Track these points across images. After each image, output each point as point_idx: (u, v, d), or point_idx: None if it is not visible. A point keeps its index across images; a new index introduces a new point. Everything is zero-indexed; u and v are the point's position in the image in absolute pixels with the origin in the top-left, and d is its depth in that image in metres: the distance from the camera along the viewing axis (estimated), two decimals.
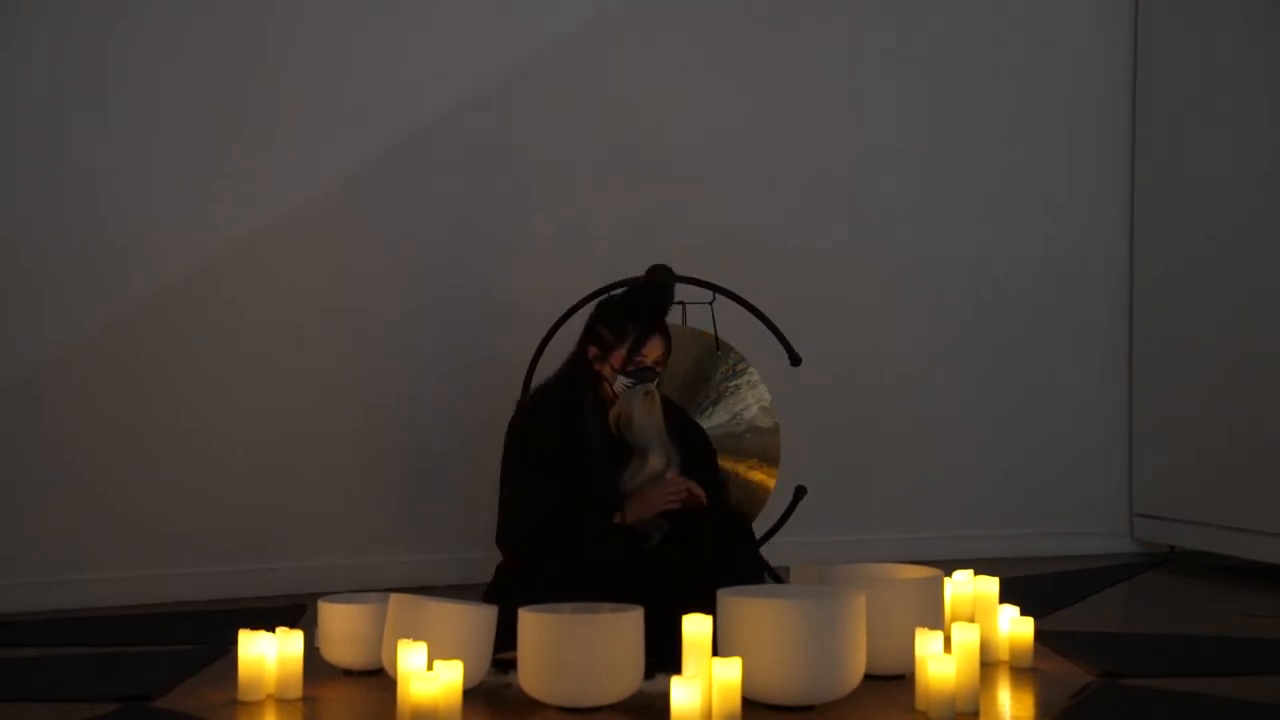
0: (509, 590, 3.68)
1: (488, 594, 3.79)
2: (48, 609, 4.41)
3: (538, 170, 5.08)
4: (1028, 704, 3.35)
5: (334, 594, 3.72)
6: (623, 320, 3.89)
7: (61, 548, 4.51)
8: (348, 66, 4.88)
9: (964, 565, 4.13)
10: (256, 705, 3.30)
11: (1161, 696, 3.35)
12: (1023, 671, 3.60)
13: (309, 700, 3.35)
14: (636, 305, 3.94)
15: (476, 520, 4.92)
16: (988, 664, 3.58)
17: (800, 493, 4.53)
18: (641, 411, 3.86)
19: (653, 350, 3.89)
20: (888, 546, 5.20)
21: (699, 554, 3.68)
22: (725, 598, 3.29)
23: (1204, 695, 3.35)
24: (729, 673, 3.08)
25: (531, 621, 3.23)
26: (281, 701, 3.33)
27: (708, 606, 3.29)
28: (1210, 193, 5.29)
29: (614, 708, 3.23)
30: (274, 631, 3.38)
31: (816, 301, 5.32)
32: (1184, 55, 5.46)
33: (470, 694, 3.27)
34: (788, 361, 4.55)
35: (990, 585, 3.76)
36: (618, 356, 3.87)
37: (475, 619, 3.36)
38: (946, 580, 3.76)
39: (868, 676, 3.32)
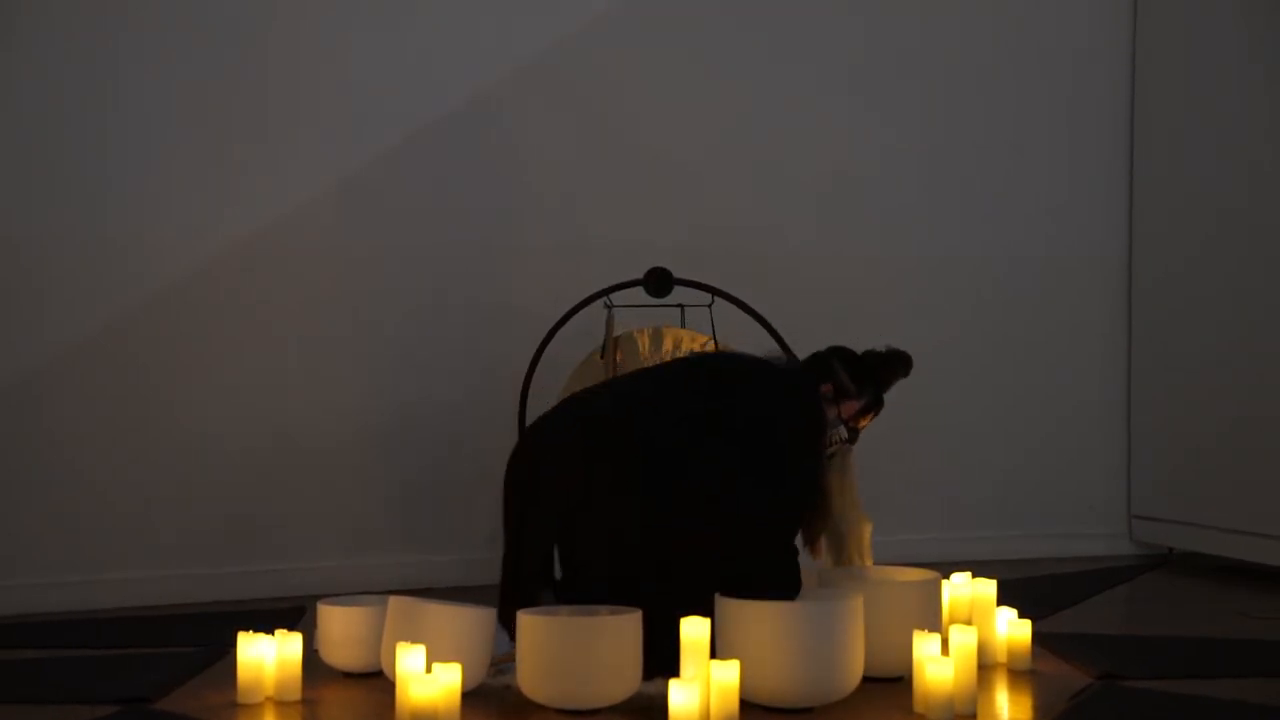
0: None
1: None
2: (47, 610, 4.41)
3: (538, 171, 5.08)
4: (1025, 706, 3.35)
5: (333, 596, 3.72)
6: (868, 379, 3.87)
7: (61, 549, 4.51)
8: (348, 68, 4.88)
9: (962, 567, 4.14)
10: (256, 707, 3.31)
11: (1160, 698, 3.36)
12: (1021, 674, 3.60)
13: (308, 702, 3.35)
14: (884, 372, 3.92)
15: (476, 522, 4.93)
16: (986, 666, 3.59)
17: None
18: (844, 474, 3.97)
19: (870, 419, 3.93)
20: (886, 548, 5.15)
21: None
22: (724, 600, 3.29)
23: (1203, 697, 3.35)
24: (727, 675, 3.09)
25: (530, 624, 3.23)
26: (280, 704, 3.33)
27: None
28: (1209, 193, 5.28)
29: (612, 710, 3.23)
30: (273, 634, 3.39)
31: (815, 302, 5.32)
32: (1183, 55, 5.45)
33: (469, 696, 3.27)
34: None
35: (988, 587, 3.76)
36: (850, 407, 3.86)
37: (473, 621, 3.37)
38: (944, 582, 3.76)
39: (866, 678, 3.33)
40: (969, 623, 3.66)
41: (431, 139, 4.96)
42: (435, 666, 3.08)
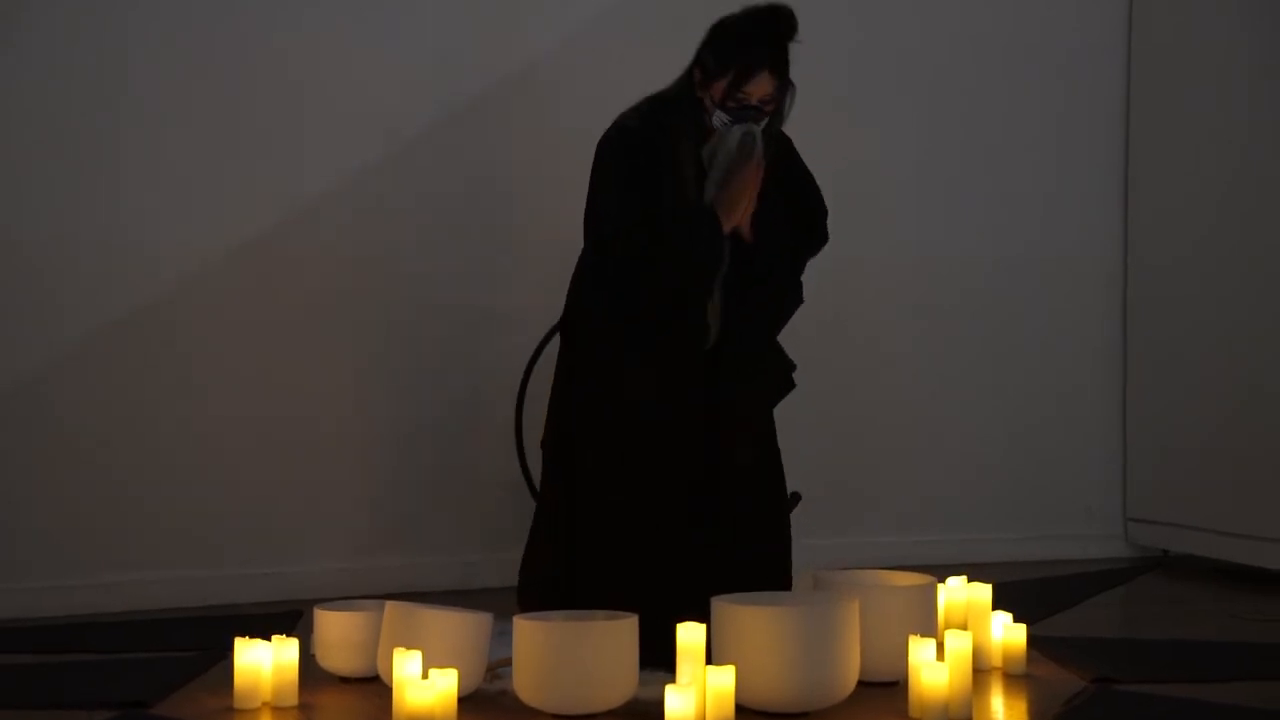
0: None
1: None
2: (42, 615, 4.40)
3: (538, 174, 5.08)
4: (1021, 710, 3.36)
5: (330, 600, 3.73)
6: (732, 47, 3.53)
7: (58, 553, 4.51)
8: (349, 72, 4.88)
9: (957, 569, 4.14)
10: (252, 713, 3.31)
11: (1156, 702, 3.37)
12: (1016, 678, 3.61)
13: (305, 708, 3.36)
14: (751, 33, 3.53)
15: (474, 524, 4.94)
16: (981, 670, 3.59)
17: (795, 499, 4.53)
18: (730, 153, 3.61)
19: (759, 88, 3.53)
20: (881, 550, 5.19)
21: (733, 557, 3.70)
22: (719, 605, 3.30)
23: (1199, 700, 3.36)
24: (723, 680, 3.10)
25: (526, 628, 3.24)
26: (277, 709, 3.34)
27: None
28: (1205, 194, 5.28)
29: (608, 714, 3.24)
30: (270, 639, 3.39)
31: (811, 304, 5.30)
32: (1178, 53, 5.45)
33: (465, 701, 3.28)
34: None
35: (983, 592, 3.76)
36: (718, 88, 3.53)
37: (470, 626, 3.38)
38: (940, 586, 3.77)
39: (861, 683, 3.34)
40: (964, 627, 3.67)
41: (432, 142, 4.97)
42: (432, 672, 3.09)
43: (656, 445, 3.68)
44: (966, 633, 3.32)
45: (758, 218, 3.70)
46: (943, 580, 3.83)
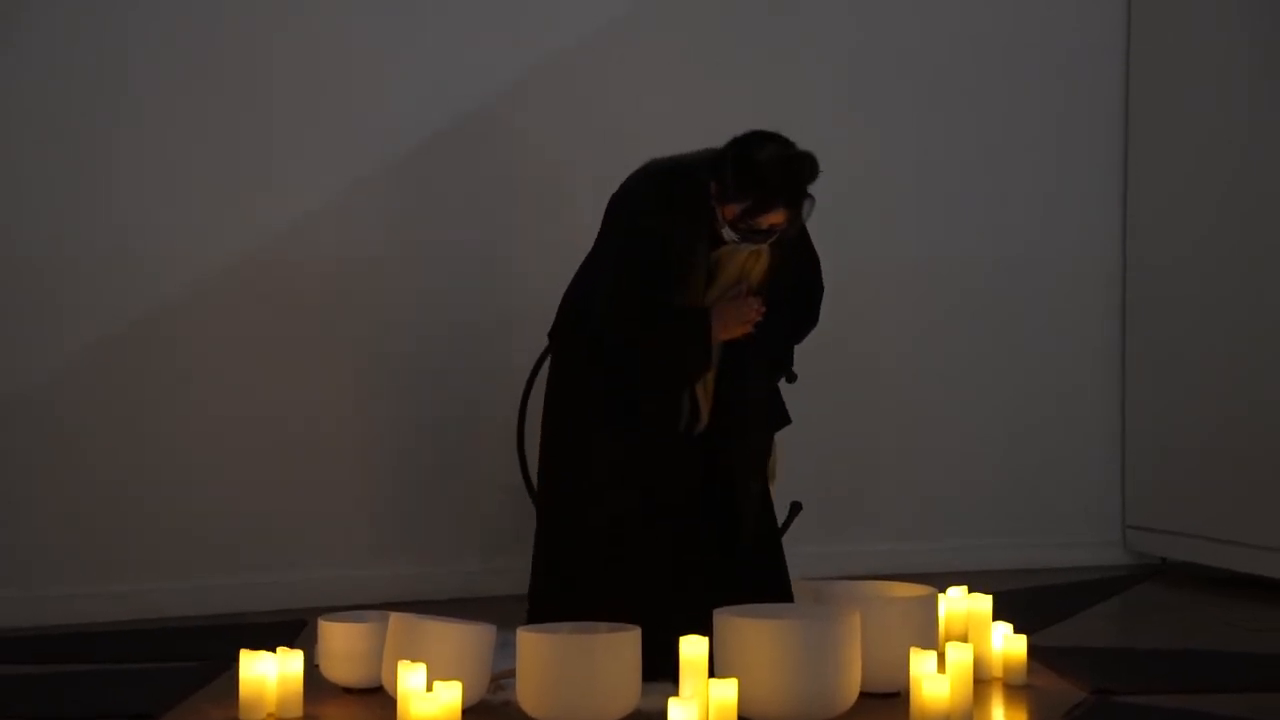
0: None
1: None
2: (47, 624, 4.40)
3: (540, 181, 5.09)
4: None
5: (334, 611, 3.74)
6: (750, 184, 3.59)
7: (59, 560, 4.52)
8: (353, 79, 4.88)
9: (955, 577, 4.16)
10: None
11: (1154, 713, 3.38)
12: (1016, 689, 3.62)
13: (309, 719, 3.37)
14: (772, 178, 3.59)
15: (475, 529, 4.95)
16: (981, 681, 3.61)
17: (796, 509, 4.52)
18: (738, 267, 3.75)
19: (770, 219, 3.63)
20: (879, 558, 5.20)
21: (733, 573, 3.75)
22: (722, 618, 3.32)
23: (1197, 711, 3.38)
24: (725, 693, 3.12)
25: (529, 641, 3.26)
26: None
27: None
28: (1205, 197, 5.29)
29: None
30: (275, 650, 3.41)
31: None
32: (1177, 55, 5.45)
33: (469, 713, 3.30)
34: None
35: (984, 603, 3.78)
36: (731, 210, 3.62)
37: (474, 638, 3.39)
38: (940, 597, 3.78)
39: (863, 694, 3.36)
40: (965, 638, 3.68)
41: (434, 150, 4.97)
42: (436, 684, 3.11)
43: (652, 463, 3.77)
44: (967, 644, 3.35)
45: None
46: (943, 591, 3.84)
